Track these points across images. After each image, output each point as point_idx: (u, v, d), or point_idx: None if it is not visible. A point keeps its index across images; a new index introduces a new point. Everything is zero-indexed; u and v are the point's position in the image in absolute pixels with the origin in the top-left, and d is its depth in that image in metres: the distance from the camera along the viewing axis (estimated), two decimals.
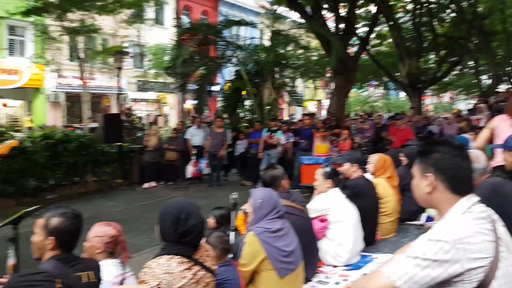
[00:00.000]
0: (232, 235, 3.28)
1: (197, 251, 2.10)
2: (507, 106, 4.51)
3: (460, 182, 1.61)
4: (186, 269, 1.99)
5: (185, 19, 12.65)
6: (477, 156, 3.21)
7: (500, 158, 4.18)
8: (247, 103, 12.80)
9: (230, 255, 2.87)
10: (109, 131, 9.56)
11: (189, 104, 22.94)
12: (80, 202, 8.14)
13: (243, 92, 12.25)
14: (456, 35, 19.99)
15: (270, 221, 2.68)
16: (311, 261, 3.41)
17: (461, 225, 1.52)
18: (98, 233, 2.63)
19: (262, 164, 9.38)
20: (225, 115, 12.44)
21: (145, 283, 1.92)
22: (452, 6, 20.15)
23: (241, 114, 13.11)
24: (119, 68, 11.68)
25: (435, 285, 1.51)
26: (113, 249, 2.63)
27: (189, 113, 19.33)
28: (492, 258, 1.47)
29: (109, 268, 2.51)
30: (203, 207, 2.23)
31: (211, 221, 3.72)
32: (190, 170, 10.31)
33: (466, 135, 7.74)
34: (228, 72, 13.68)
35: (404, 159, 5.29)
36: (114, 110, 19.72)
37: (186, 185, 10.09)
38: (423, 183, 1.66)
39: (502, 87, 23.93)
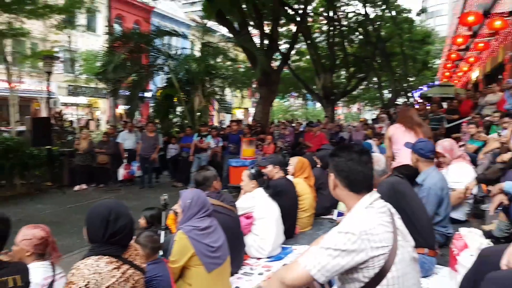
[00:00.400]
0: (162, 234, 3.19)
1: (126, 250, 2.00)
2: (399, 117, 4.97)
3: (353, 182, 1.69)
4: (115, 268, 1.89)
5: (117, 27, 12.07)
6: (378, 159, 3.43)
7: (400, 160, 4.55)
8: (179, 109, 12.55)
9: (160, 253, 2.79)
10: (38, 134, 8.85)
11: (121, 109, 22.03)
12: (8, 205, 7.51)
13: (175, 99, 12.01)
14: (363, 55, 21.39)
15: (199, 219, 2.64)
16: (238, 255, 3.42)
17: (365, 219, 1.60)
18: (26, 236, 2.44)
19: (193, 166, 9.26)
20: (157, 120, 12.07)
21: (73, 284, 1.79)
22: (360, 29, 21.56)
23: (173, 120, 12.83)
24: (49, 73, 10.87)
25: (344, 272, 1.58)
26: (43, 250, 2.46)
27: (121, 118, 18.52)
28: (391, 247, 1.57)
29: (38, 271, 2.35)
30: (134, 208, 2.15)
31: (141, 222, 3.58)
32: (121, 172, 9.89)
33: (370, 141, 8.30)
34: (160, 80, 13.33)
35: (318, 161, 5.53)
36: (44, 114, 18.38)
37: (118, 187, 9.64)
38: (330, 181, 1.76)
39: (400, 100, 26.01)
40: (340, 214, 4.79)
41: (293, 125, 14.06)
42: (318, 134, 10.29)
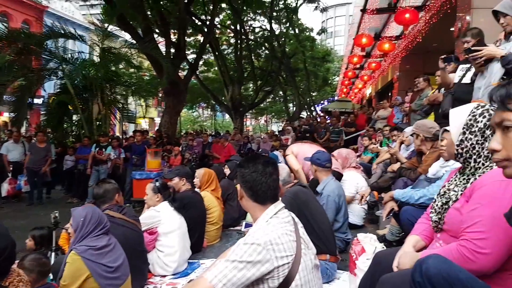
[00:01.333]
0: (52, 255, 2.89)
1: (6, 277, 1.76)
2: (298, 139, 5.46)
3: (258, 193, 1.72)
4: None
5: (1, 26, 10.85)
6: (282, 169, 3.56)
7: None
8: (75, 117, 11.68)
9: (50, 277, 2.52)
10: None
11: (6, 116, 19.79)
12: None
13: (70, 107, 11.14)
14: (269, 69, 22.27)
15: (95, 238, 2.45)
16: (140, 273, 3.25)
17: (270, 229, 1.63)
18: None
19: (90, 180, 8.69)
20: (48, 130, 11.06)
21: None
22: (266, 44, 22.47)
23: (68, 129, 11.88)
24: None
25: (250, 284, 1.58)
26: None
27: (5, 127, 16.61)
28: (295, 255, 1.61)
29: None
30: (21, 228, 1.91)
31: (29, 243, 3.23)
32: (5, 188, 8.83)
33: (276, 152, 8.60)
34: (53, 85, 12.29)
35: (227, 172, 5.58)
36: None
37: (0, 204, 8.57)
38: (238, 192, 1.77)
39: (304, 114, 27.60)
40: (248, 225, 4.85)
41: (201, 136, 14.03)
42: (227, 145, 10.42)
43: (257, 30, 23.17)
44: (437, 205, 1.83)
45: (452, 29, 7.28)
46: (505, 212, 1.20)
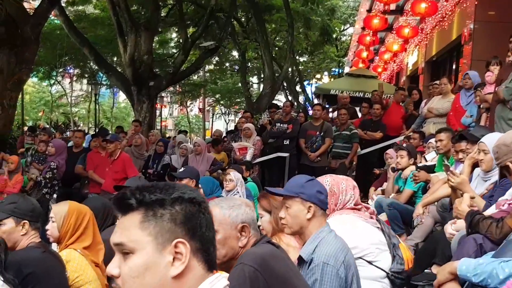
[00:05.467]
0: None
1: None
2: None
3: (208, 251, 1.86)
4: None
5: None
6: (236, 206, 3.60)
7: None
8: None
9: None
10: None
11: None
12: None
13: None
14: (213, 4, 22.15)
15: None
16: None
17: None
18: None
19: None
20: None
21: None
22: None
23: None
24: None
25: None
26: None
27: None
28: None
29: None
30: None
31: None
32: None
33: (232, 174, 8.65)
34: None
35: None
36: None
37: None
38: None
39: (281, 98, 27.86)
40: None
41: (66, 135, 13.83)
42: (118, 156, 10.33)
43: None
44: None
45: None
46: None
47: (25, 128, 20.33)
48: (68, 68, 31.65)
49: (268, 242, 3.48)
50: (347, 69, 27.97)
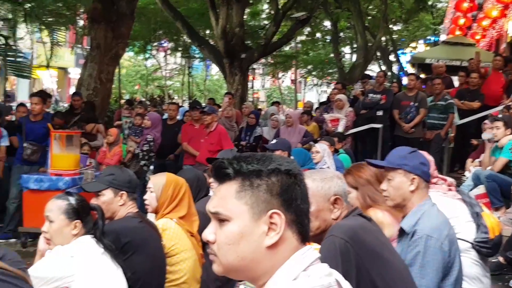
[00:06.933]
0: None
1: None
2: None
3: (299, 219, 1.83)
4: None
5: None
6: (328, 178, 3.59)
7: None
8: None
9: None
10: None
11: None
12: None
13: None
14: None
15: None
16: None
17: None
18: None
19: None
20: None
21: None
22: None
23: None
24: None
25: None
26: None
27: None
28: None
29: None
30: None
31: None
32: None
33: (318, 145, 8.61)
34: None
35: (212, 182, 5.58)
36: None
37: None
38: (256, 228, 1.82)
39: (374, 69, 27.40)
40: None
41: (161, 107, 14.05)
42: (214, 128, 10.42)
43: None
44: None
45: None
46: None
47: (122, 102, 20.85)
48: (162, 42, 32.04)
49: (359, 214, 3.46)
50: (443, 37, 27.17)
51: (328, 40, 31.13)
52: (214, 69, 41.49)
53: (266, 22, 26.89)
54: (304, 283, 1.75)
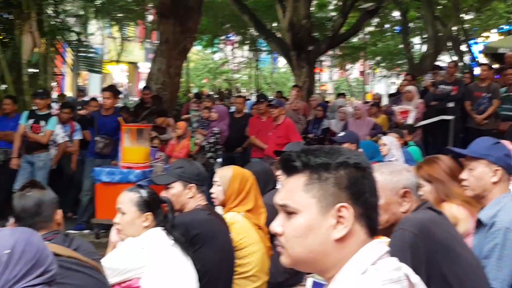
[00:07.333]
0: None
1: None
2: None
3: (371, 216, 1.84)
4: None
5: None
6: (396, 171, 3.56)
7: None
8: None
9: None
10: None
11: None
12: None
13: None
14: None
15: None
16: None
17: None
18: None
19: (17, 180, 9.11)
20: None
21: None
22: None
23: None
24: None
25: None
26: None
27: None
28: None
29: None
30: None
31: None
32: None
33: (386, 138, 8.53)
34: None
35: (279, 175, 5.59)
36: None
37: None
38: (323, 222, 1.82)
39: (444, 59, 26.89)
40: (318, 286, 4.86)
41: (228, 100, 14.11)
42: (282, 122, 10.43)
43: None
44: None
45: None
46: None
47: (190, 95, 21.04)
48: (230, 35, 32.16)
49: (429, 208, 3.42)
50: None
51: (397, 31, 30.67)
52: (282, 61, 41.41)
53: (333, 13, 26.65)
54: (373, 277, 1.74)
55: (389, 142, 8.09)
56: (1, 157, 9.61)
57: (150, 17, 19.28)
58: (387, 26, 32.23)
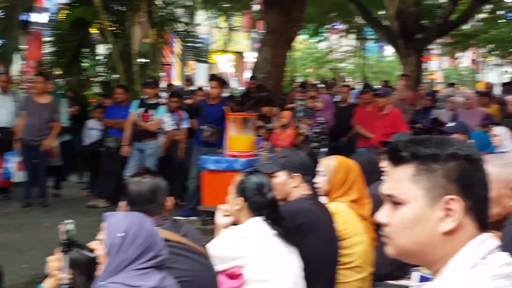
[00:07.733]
0: None
1: None
2: None
3: (481, 210, 1.79)
4: None
5: None
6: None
7: None
8: (101, 49, 12.54)
9: None
10: None
11: None
12: None
13: (92, 29, 11.97)
14: None
15: (139, 272, 2.68)
16: None
17: None
18: None
19: (129, 166, 9.38)
20: (57, 71, 12.05)
21: None
22: None
23: (89, 70, 12.81)
24: None
25: None
26: None
27: None
28: None
29: None
30: (12, 246, 2.20)
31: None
32: None
33: (498, 129, 8.31)
34: None
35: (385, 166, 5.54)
36: None
37: None
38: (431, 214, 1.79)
39: None
40: (425, 280, 4.81)
41: (333, 90, 14.06)
42: (390, 112, 10.32)
43: None
44: None
45: None
46: None
47: (295, 84, 21.03)
48: (335, 24, 31.92)
49: None
50: None
51: (511, 18, 29.65)
52: (388, 50, 40.77)
53: (443, 0, 26.02)
54: (482, 272, 1.69)
55: (501, 133, 7.88)
56: (113, 144, 9.87)
57: (255, 7, 19.35)
58: (500, 12, 31.20)
